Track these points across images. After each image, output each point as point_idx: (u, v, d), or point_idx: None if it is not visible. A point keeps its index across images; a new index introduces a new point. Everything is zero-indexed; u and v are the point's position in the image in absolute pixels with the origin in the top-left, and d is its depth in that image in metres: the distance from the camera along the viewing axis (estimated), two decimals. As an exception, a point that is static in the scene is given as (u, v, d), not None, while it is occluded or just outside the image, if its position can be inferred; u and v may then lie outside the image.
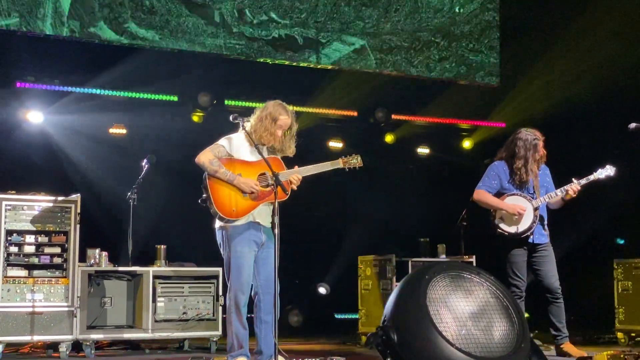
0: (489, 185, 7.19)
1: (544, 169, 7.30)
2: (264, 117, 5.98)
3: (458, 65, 11.23)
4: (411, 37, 10.89)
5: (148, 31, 9.42)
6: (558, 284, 7.10)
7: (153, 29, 9.45)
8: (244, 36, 9.89)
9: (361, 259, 9.42)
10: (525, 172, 7.08)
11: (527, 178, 7.09)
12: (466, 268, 5.93)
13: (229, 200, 5.82)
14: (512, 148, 7.18)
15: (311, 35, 10.24)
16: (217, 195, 5.83)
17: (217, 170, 5.82)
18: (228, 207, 5.82)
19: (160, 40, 9.47)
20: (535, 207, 7.02)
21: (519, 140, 7.15)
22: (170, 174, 9.57)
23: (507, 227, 7.07)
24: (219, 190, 5.83)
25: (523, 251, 7.10)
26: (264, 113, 6.00)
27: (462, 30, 11.19)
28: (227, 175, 5.82)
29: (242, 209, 5.85)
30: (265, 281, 5.93)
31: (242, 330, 5.88)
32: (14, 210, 7.36)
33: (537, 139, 7.13)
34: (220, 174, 5.82)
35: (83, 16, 9.08)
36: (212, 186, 5.84)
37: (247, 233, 5.88)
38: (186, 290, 8.01)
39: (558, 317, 7.10)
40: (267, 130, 5.95)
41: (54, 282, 7.38)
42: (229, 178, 5.82)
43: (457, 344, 5.33)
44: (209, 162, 5.83)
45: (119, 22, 9.31)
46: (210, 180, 5.85)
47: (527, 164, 7.08)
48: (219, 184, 5.84)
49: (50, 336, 7.33)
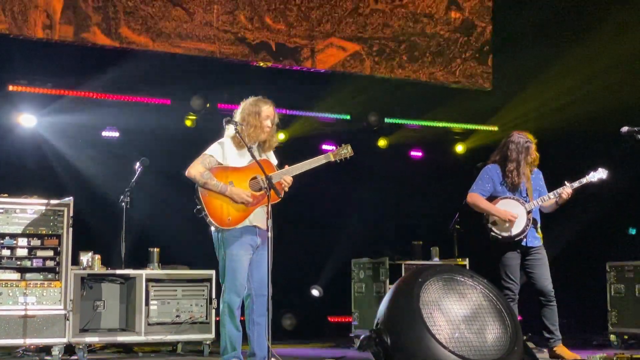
0: (482, 188, 7.21)
1: (537, 172, 7.32)
2: (247, 115, 6.00)
3: (452, 69, 11.24)
4: (405, 41, 10.89)
5: (140, 35, 9.41)
6: (551, 287, 7.11)
7: (145, 32, 9.44)
8: (238, 40, 9.89)
9: (354, 261, 9.43)
10: (517, 175, 7.10)
11: (519, 181, 7.11)
12: (459, 271, 5.95)
13: (222, 211, 5.85)
14: (504, 151, 7.20)
15: (305, 40, 10.24)
16: (210, 206, 5.85)
17: (207, 183, 5.84)
18: (224, 216, 5.84)
19: (154, 43, 9.46)
20: (528, 210, 7.04)
21: (511, 143, 7.17)
22: (163, 177, 9.55)
23: (499, 231, 7.08)
24: (212, 201, 5.85)
25: (516, 254, 7.11)
26: (245, 112, 6.02)
27: (456, 35, 11.21)
28: (219, 187, 5.84)
29: (237, 218, 5.87)
30: (258, 283, 5.93)
31: (236, 333, 5.88)
32: (7, 213, 7.34)
33: (529, 141, 7.15)
34: (212, 187, 5.84)
35: (75, 21, 9.06)
36: (205, 198, 5.86)
37: (243, 237, 5.89)
38: (179, 293, 8.00)
39: (551, 320, 7.11)
40: (254, 126, 5.96)
41: (47, 286, 7.36)
42: (221, 189, 5.84)
43: (450, 347, 5.35)
44: (200, 175, 5.85)
45: (112, 26, 9.31)
46: (202, 192, 5.87)
47: (519, 167, 7.10)
48: (211, 195, 5.86)
49: (43, 339, 7.30)
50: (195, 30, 9.68)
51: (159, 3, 9.47)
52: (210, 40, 9.73)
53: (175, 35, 9.57)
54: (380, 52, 10.71)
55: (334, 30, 10.43)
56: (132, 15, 9.36)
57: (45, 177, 9.57)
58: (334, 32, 10.43)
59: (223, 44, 9.82)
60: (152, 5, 9.44)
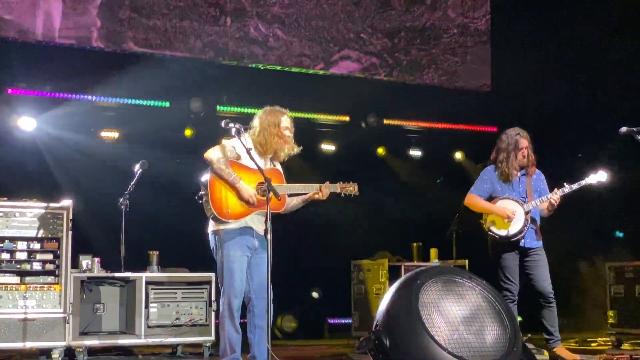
0: (481, 189, 7.23)
1: (538, 174, 7.33)
2: (266, 127, 6.00)
3: (450, 69, 11.26)
4: (403, 41, 10.91)
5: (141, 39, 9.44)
6: (550, 288, 7.11)
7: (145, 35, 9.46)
8: (239, 42, 9.92)
9: (354, 263, 9.44)
10: (507, 166, 7.13)
11: (509, 171, 7.12)
12: (458, 272, 5.95)
13: (224, 201, 5.83)
14: (497, 145, 7.26)
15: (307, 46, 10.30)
16: (215, 194, 5.83)
17: (222, 169, 5.80)
18: (224, 207, 5.82)
19: (155, 47, 9.49)
20: (526, 210, 7.05)
21: (503, 135, 7.28)
22: (163, 180, 9.56)
23: (498, 231, 7.10)
24: (218, 189, 5.83)
25: (514, 255, 7.12)
26: (264, 124, 6.02)
27: (454, 35, 11.22)
28: (232, 176, 5.82)
29: (236, 213, 5.86)
30: (258, 286, 5.94)
31: (235, 335, 5.87)
32: (6, 216, 7.35)
33: (519, 134, 7.20)
34: (225, 174, 5.81)
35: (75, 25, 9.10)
36: (212, 184, 5.84)
37: (239, 238, 5.89)
38: (179, 295, 8.01)
39: (550, 321, 7.12)
40: (276, 135, 5.99)
41: (47, 289, 7.37)
42: (233, 180, 5.82)
43: (450, 348, 5.35)
44: (217, 160, 5.82)
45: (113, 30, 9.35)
46: (211, 178, 5.85)
47: (509, 158, 7.14)
48: (219, 183, 5.84)
49: (43, 342, 7.31)
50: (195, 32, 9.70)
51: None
52: (210, 43, 9.74)
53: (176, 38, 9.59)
54: (379, 53, 10.75)
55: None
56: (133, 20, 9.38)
57: (45, 180, 9.57)
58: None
59: (222, 46, 9.84)
60: (153, 9, 9.46)
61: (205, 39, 9.99)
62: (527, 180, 7.21)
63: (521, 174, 7.22)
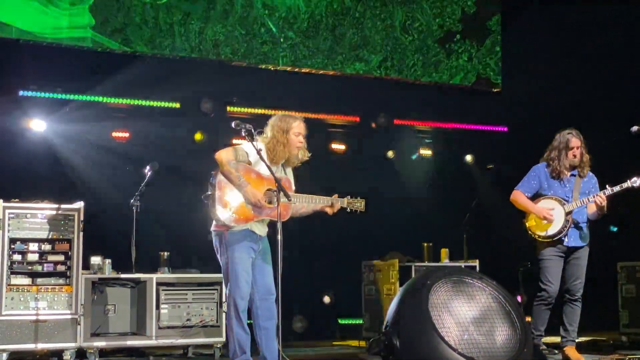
0: (527, 186, 7.28)
1: (590, 176, 7.32)
2: (275, 133, 5.97)
3: (460, 69, 11.24)
4: (414, 42, 10.91)
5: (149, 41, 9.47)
6: (579, 287, 7.11)
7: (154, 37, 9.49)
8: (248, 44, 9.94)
9: (364, 263, 9.42)
10: (558, 164, 7.17)
11: (560, 169, 7.16)
12: (468, 273, 5.97)
13: (230, 205, 5.82)
14: (551, 143, 7.32)
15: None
16: (221, 196, 5.82)
17: (231, 172, 5.78)
18: (228, 210, 5.82)
19: (163, 48, 9.50)
20: (567, 211, 7.04)
21: (557, 135, 7.31)
22: (173, 181, 9.57)
23: (536, 230, 7.12)
24: (225, 192, 5.82)
25: (556, 255, 7.11)
26: (274, 130, 5.99)
27: (465, 35, 11.21)
28: (240, 180, 5.80)
29: (239, 218, 5.84)
30: (262, 288, 5.93)
31: (244, 335, 5.87)
32: (18, 218, 7.38)
33: (571, 133, 7.23)
34: (233, 177, 5.79)
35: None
36: (219, 186, 5.83)
37: (244, 240, 5.87)
38: (190, 297, 8.02)
39: (570, 319, 7.11)
40: (282, 144, 5.94)
41: (58, 290, 7.39)
42: (240, 184, 5.80)
43: (460, 349, 5.35)
44: (227, 162, 5.79)
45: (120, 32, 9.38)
46: (219, 180, 5.84)
47: (560, 156, 7.17)
48: (226, 186, 5.83)
49: (54, 344, 7.34)
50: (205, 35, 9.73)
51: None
52: (220, 43, 9.74)
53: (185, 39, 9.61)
54: (388, 52, 10.76)
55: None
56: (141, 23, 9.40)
57: (56, 181, 9.59)
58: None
59: (232, 48, 9.85)
60: (159, 11, 9.48)
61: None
62: (577, 181, 7.22)
63: (571, 174, 7.24)
